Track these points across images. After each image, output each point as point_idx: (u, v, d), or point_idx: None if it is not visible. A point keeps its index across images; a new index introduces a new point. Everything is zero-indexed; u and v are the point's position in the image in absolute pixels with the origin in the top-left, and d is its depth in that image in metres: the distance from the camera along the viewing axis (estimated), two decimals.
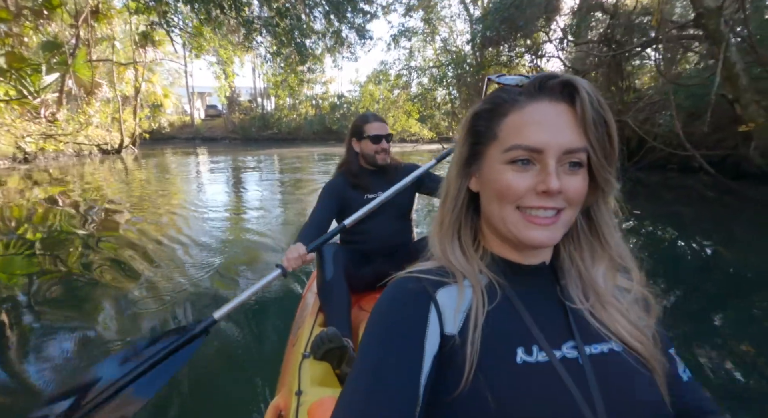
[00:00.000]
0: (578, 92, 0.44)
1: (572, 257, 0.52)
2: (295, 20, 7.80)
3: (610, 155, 0.46)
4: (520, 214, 0.47)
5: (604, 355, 0.46)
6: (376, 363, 0.42)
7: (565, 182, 0.45)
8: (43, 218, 4.74)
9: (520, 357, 0.43)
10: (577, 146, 0.44)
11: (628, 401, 0.43)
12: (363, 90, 23.38)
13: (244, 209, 5.72)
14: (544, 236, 0.46)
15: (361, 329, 1.40)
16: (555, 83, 0.45)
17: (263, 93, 30.68)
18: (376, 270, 1.69)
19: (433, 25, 16.09)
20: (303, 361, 1.20)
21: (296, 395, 1.03)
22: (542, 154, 0.44)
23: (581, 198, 0.47)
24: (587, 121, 0.44)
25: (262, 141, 26.53)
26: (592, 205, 0.51)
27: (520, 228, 0.47)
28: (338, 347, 1.18)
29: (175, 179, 8.59)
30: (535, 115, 0.45)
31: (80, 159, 12.56)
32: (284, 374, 1.31)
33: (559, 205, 0.46)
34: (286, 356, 1.44)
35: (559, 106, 0.45)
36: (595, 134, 0.44)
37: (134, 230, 4.25)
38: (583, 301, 0.49)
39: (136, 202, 5.92)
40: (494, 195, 0.48)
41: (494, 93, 0.50)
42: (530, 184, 0.45)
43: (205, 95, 36.93)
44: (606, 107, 0.45)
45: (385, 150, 1.68)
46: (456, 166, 0.53)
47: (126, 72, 15.41)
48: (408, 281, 0.49)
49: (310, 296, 1.73)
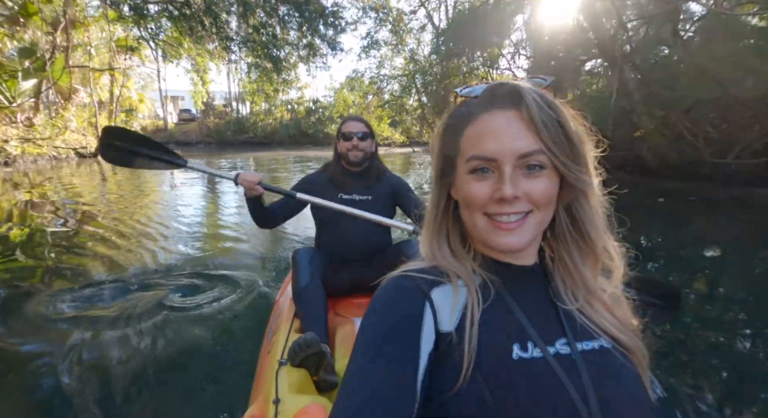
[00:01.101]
0: (523, 98, 0.46)
1: (560, 257, 0.53)
2: (270, 37, 8.68)
3: (574, 153, 0.47)
4: (487, 220, 0.48)
5: (594, 351, 0.47)
6: (373, 361, 0.43)
7: (525, 186, 0.46)
8: (23, 217, 5.10)
9: (516, 353, 0.44)
10: (531, 150, 0.45)
11: (619, 395, 0.45)
12: (337, 96, 24.36)
13: (219, 205, 6.38)
14: (512, 241, 0.47)
15: (338, 334, 1.37)
16: (503, 92, 0.48)
17: (238, 97, 30.94)
18: (352, 275, 1.68)
19: (400, 36, 17.17)
20: (279, 368, 1.18)
21: (273, 403, 1.01)
22: (497, 162, 0.46)
23: (548, 199, 0.47)
24: (537, 124, 0.45)
25: (238, 145, 26.65)
26: (572, 202, 0.51)
27: (489, 234, 0.48)
28: (317, 353, 1.16)
29: (149, 181, 8.93)
30: (487, 125, 0.47)
31: (58, 162, 12.84)
32: (259, 382, 1.29)
33: (523, 209, 0.47)
34: (261, 364, 1.41)
35: (509, 112, 0.46)
36: (548, 135, 0.45)
37: (108, 222, 4.70)
38: (573, 301, 0.51)
39: (113, 200, 6.42)
40: (464, 204, 0.51)
41: (456, 107, 0.53)
42: (489, 192, 0.47)
43: (178, 99, 36.74)
44: (557, 107, 0.46)
45: (356, 147, 1.66)
46: (434, 178, 0.55)
47: (101, 77, 15.70)
48: (403, 280, 0.50)
49: (285, 301, 1.71)
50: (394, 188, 1.75)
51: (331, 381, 1.18)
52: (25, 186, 7.99)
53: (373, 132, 1.73)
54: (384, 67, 18.69)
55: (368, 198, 1.70)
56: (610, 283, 0.53)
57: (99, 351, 1.98)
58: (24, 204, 6.11)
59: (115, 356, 1.93)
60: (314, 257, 1.57)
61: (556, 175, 0.48)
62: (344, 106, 22.95)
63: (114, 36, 14.71)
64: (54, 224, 4.84)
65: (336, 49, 12.71)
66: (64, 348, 1.99)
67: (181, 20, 8.01)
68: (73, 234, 4.37)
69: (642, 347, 0.51)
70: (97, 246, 3.74)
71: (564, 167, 0.47)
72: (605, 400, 0.43)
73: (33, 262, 3.37)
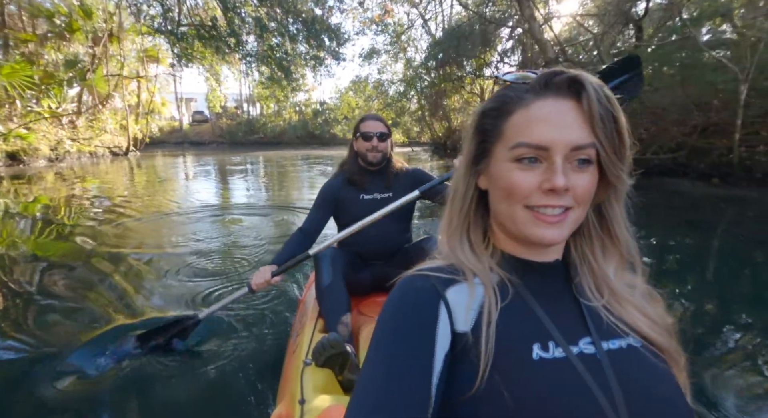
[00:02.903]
0: (584, 88, 0.43)
1: (584, 254, 0.52)
2: (283, 54, 10.33)
3: (621, 151, 0.45)
4: (528, 212, 0.47)
5: (622, 350, 0.46)
6: (387, 363, 0.42)
7: (572, 180, 0.44)
8: (74, 207, 5.77)
9: (537, 353, 0.43)
10: (585, 142, 0.44)
11: (648, 395, 0.42)
12: (342, 98, 26.06)
13: (235, 197, 7.33)
14: (553, 234, 0.46)
15: (362, 333, 1.46)
16: (561, 80, 0.45)
17: (249, 99, 32.69)
18: (374, 274, 1.69)
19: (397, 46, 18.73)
20: (304, 368, 1.18)
21: (299, 403, 1.02)
22: (548, 151, 0.44)
23: (589, 196, 0.46)
24: (594, 117, 0.43)
25: (248, 145, 27.73)
26: (604, 201, 0.50)
27: (528, 226, 0.47)
28: (340, 353, 1.16)
29: (181, 174, 10.44)
30: (540, 113, 0.45)
31: (95, 160, 14.68)
32: (285, 382, 1.29)
33: (567, 204, 0.45)
34: (286, 364, 1.43)
35: (566, 102, 0.45)
36: (603, 130, 0.44)
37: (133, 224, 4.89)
38: (598, 297, 0.50)
39: (140, 194, 7.27)
40: (502, 194, 0.48)
41: (501, 91, 0.50)
42: (536, 183, 0.45)
43: (191, 101, 38.62)
44: (615, 103, 0.44)
45: (375, 148, 1.66)
46: (464, 165, 0.53)
47: (130, 84, 17.57)
48: (417, 279, 0.49)
49: (309, 301, 1.71)
50: (414, 179, 1.74)
51: (355, 381, 1.27)
52: (71, 179, 9.44)
53: (391, 131, 1.73)
54: (385, 72, 20.32)
55: (389, 195, 1.72)
56: (636, 279, 0.53)
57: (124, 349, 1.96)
58: (67, 197, 6.86)
59: (142, 356, 1.89)
60: (336, 257, 1.58)
61: (597, 173, 0.47)
62: (348, 109, 24.64)
63: (142, 47, 16.58)
64: (89, 213, 5.40)
65: (339, 59, 14.32)
66: (76, 343, 2.03)
67: (210, 40, 9.71)
68: (101, 224, 4.73)
69: (677, 346, 0.49)
70: (121, 246, 3.86)
71: (611, 164, 0.45)
72: (633, 401, 0.41)
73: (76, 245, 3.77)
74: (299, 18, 11.41)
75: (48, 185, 8.37)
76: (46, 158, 12.48)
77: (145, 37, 15.64)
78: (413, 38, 19.15)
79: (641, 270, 0.53)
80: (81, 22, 13.84)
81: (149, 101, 18.72)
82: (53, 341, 2.12)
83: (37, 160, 12.09)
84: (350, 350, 1.21)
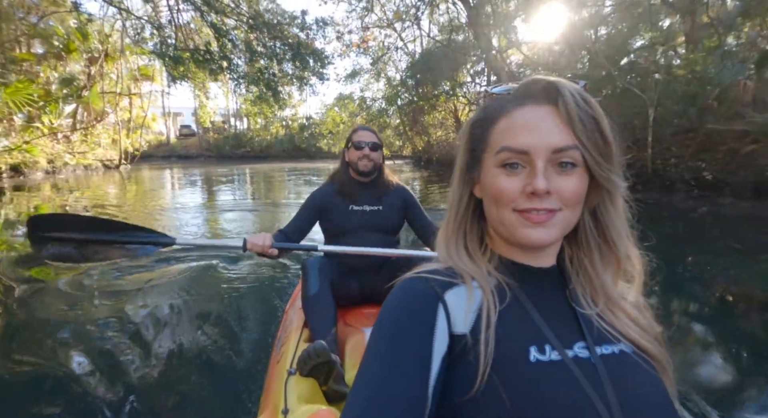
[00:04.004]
0: (561, 93, 0.45)
1: (580, 260, 0.53)
2: (271, 75, 11.43)
3: (606, 152, 0.46)
4: (517, 215, 0.48)
5: (614, 356, 0.47)
6: (384, 364, 0.42)
7: (556, 183, 0.46)
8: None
9: (534, 356, 0.44)
10: (565, 145, 0.45)
11: (641, 400, 0.44)
12: (327, 114, 27.20)
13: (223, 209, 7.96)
14: (540, 234, 0.47)
15: (348, 344, 1.46)
16: (539, 87, 0.48)
17: (236, 114, 33.49)
18: (362, 285, 1.70)
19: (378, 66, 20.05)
20: (288, 378, 1.17)
21: (282, 413, 1.01)
22: (529, 155, 0.46)
23: (578, 198, 0.47)
24: (573, 120, 0.45)
25: (236, 158, 28.44)
26: (599, 205, 0.51)
27: (517, 228, 0.48)
28: (326, 362, 1.13)
29: (170, 184, 11.37)
30: (521, 119, 0.47)
31: (89, 172, 15.37)
32: (268, 392, 1.28)
33: (552, 206, 0.46)
34: (270, 373, 1.41)
35: (545, 108, 0.47)
36: (584, 132, 0.45)
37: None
38: (591, 305, 0.50)
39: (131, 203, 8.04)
40: (491, 199, 0.50)
41: (487, 102, 0.53)
42: (520, 187, 0.47)
43: (178, 116, 39.16)
44: (594, 104, 0.46)
45: (367, 156, 1.68)
46: (458, 174, 0.55)
47: (123, 100, 18.38)
48: (416, 281, 0.49)
49: (294, 311, 1.69)
50: (406, 200, 1.78)
51: (340, 391, 1.16)
52: (67, 189, 10.26)
53: (383, 144, 1.75)
54: (368, 90, 21.58)
55: (379, 208, 1.73)
56: (630, 290, 0.53)
57: (109, 359, 1.93)
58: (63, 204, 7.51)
59: (123, 365, 1.88)
60: (324, 266, 1.57)
61: (586, 175, 0.47)
62: (333, 124, 25.79)
63: (136, 65, 17.50)
64: None
65: (323, 78, 15.47)
66: (68, 351, 1.97)
67: (204, 64, 10.76)
68: None
69: (666, 354, 0.50)
70: None
71: (597, 165, 0.46)
72: (626, 404, 0.43)
73: None
74: (286, 43, 12.56)
75: (46, 194, 9.16)
76: (43, 171, 13.19)
77: (139, 56, 16.58)
78: (393, 59, 20.54)
79: (638, 279, 0.54)
80: (77, 43, 14.70)
81: (141, 117, 19.52)
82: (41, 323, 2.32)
83: (35, 172, 12.81)
84: (336, 360, 1.18)
